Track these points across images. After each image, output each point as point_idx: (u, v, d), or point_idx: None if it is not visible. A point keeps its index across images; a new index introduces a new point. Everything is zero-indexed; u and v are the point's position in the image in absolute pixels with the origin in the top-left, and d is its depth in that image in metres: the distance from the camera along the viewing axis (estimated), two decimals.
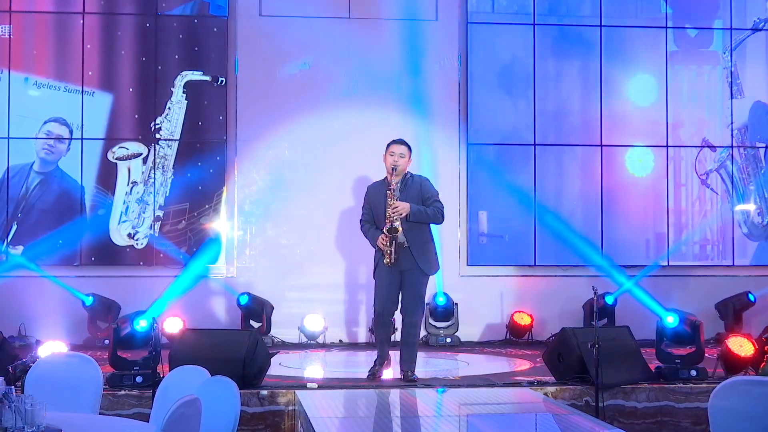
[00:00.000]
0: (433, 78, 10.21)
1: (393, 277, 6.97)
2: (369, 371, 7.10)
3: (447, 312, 9.81)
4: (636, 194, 10.44)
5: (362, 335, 9.89)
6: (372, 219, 7.10)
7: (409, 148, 7.05)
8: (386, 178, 7.06)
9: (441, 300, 9.77)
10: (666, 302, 9.49)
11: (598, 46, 10.36)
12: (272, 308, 9.69)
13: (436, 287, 9.72)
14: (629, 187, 10.42)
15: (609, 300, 9.84)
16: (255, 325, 9.52)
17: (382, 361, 7.11)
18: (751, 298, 10.06)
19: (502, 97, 10.29)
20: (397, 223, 6.83)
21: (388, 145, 7.05)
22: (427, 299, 9.63)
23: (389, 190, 6.90)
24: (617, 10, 10.49)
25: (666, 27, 10.50)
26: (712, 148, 10.50)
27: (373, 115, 9.94)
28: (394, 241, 6.84)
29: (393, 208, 6.83)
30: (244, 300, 9.56)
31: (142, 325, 7.19)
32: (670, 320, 7.72)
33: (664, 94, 10.43)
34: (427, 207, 6.95)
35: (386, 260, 6.85)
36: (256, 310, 9.59)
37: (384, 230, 6.85)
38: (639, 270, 10.26)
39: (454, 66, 10.26)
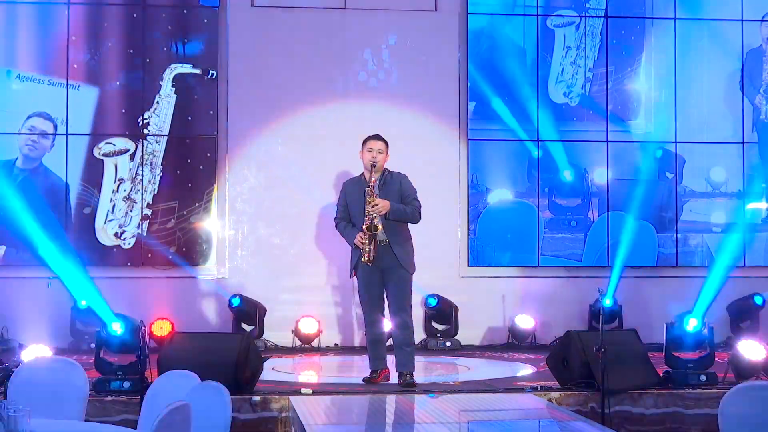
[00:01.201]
0: (432, 71, 10.21)
1: (374, 277, 7.00)
2: (365, 378, 7.11)
3: (441, 314, 9.78)
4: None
5: (358, 339, 9.89)
6: (348, 217, 7.14)
7: (386, 143, 7.09)
8: (362, 174, 7.11)
9: (432, 301, 9.72)
10: (674, 304, 9.49)
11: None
12: (265, 311, 9.68)
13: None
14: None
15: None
16: (247, 328, 9.52)
17: (377, 369, 7.10)
18: (758, 300, 9.99)
19: (505, 90, 10.30)
20: (377, 221, 6.85)
21: (365, 141, 7.12)
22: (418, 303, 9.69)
23: (368, 187, 6.92)
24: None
25: (675, 18, 10.49)
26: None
27: (370, 110, 9.93)
28: (373, 239, 6.85)
29: (373, 206, 6.85)
30: (236, 302, 9.55)
31: (115, 329, 7.08)
32: (693, 324, 7.57)
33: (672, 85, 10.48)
34: (406, 205, 6.99)
35: (364, 258, 6.88)
36: (249, 312, 9.59)
37: (363, 228, 6.86)
38: (647, 270, 10.29)
39: (454, 58, 10.26)
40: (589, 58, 10.48)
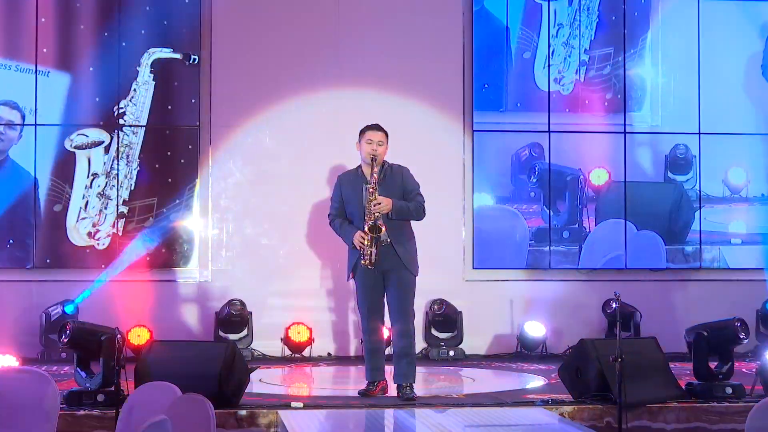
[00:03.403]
0: (433, 57, 10.18)
1: (376, 280, 7.00)
2: (361, 390, 7.11)
3: (448, 321, 9.80)
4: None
5: (353, 348, 9.89)
6: (343, 213, 7.14)
7: (387, 134, 7.09)
8: (359, 167, 7.11)
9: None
10: (698, 310, 9.50)
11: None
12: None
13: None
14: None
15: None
16: (233, 337, 9.50)
17: (374, 381, 7.10)
18: None
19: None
20: (380, 221, 6.84)
21: (364, 132, 7.09)
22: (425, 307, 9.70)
23: (370, 183, 6.91)
24: None
25: None
26: None
27: (366, 99, 9.92)
28: (376, 242, 6.84)
29: (375, 204, 6.84)
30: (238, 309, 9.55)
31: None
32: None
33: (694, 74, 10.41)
34: (409, 201, 7.00)
35: (365, 261, 6.87)
36: (246, 319, 9.58)
37: (366, 228, 6.85)
38: (668, 273, 10.25)
39: (458, 42, 10.24)
40: (584, 38, 10.25)
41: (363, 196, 6.96)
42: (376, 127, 7.09)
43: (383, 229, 6.84)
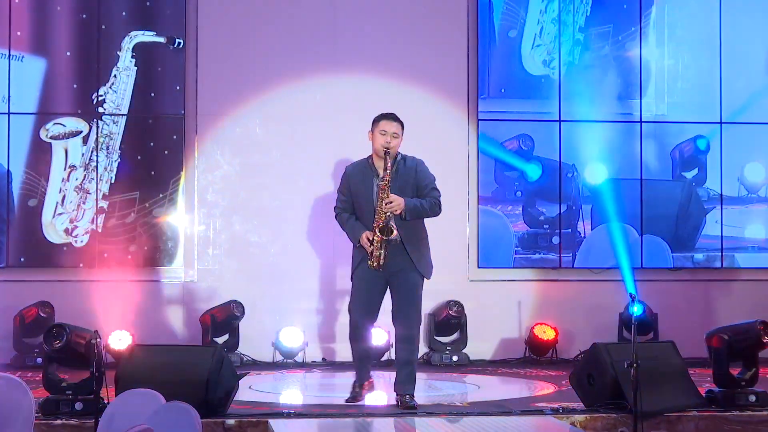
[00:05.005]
0: (435, 41, 10.19)
1: (377, 280, 6.97)
2: (348, 396, 7.17)
3: (446, 324, 9.80)
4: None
5: (349, 353, 9.86)
6: (351, 208, 7.09)
7: (402, 125, 7.00)
8: (370, 158, 7.04)
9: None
10: (719, 312, 9.51)
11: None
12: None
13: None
14: None
15: None
16: (218, 341, 9.52)
17: (362, 383, 7.15)
18: None
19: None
20: (392, 222, 6.79)
21: (378, 121, 6.97)
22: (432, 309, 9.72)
23: (382, 180, 6.84)
24: None
25: None
26: None
27: (363, 86, 9.93)
28: (386, 244, 6.79)
29: (387, 203, 6.79)
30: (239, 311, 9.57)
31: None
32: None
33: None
34: (423, 197, 6.94)
35: (372, 262, 6.83)
36: (225, 321, 9.60)
37: (376, 230, 6.80)
38: (682, 272, 10.24)
39: (462, 27, 10.23)
40: (579, 14, 10.08)
41: (373, 192, 6.90)
42: (392, 117, 6.96)
43: (395, 231, 6.75)
